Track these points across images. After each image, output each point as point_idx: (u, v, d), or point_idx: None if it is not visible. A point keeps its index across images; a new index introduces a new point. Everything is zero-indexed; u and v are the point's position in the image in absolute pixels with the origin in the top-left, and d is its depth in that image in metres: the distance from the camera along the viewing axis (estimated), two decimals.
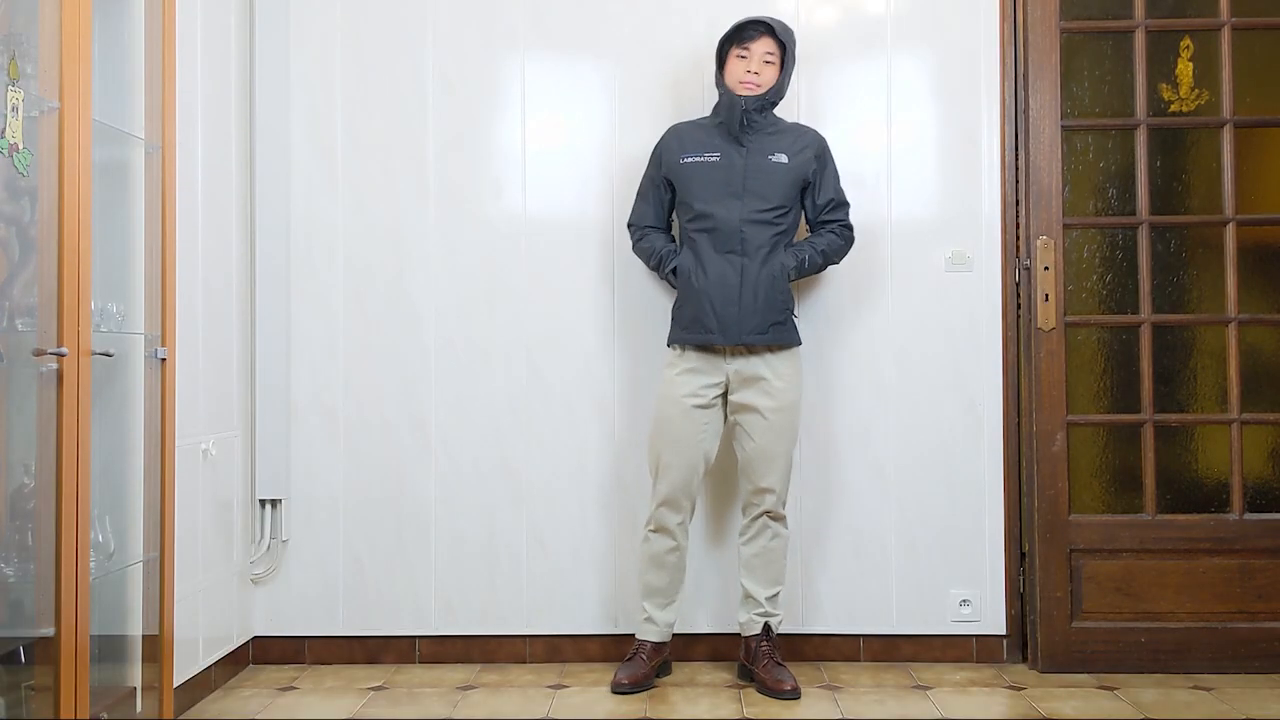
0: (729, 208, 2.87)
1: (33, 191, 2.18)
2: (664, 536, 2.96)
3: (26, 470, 2.22)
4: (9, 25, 2.16)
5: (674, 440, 2.90)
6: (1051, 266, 3.12)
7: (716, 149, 2.92)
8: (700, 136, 2.96)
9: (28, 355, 2.13)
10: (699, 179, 2.91)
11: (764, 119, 2.92)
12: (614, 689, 2.92)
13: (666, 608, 3.00)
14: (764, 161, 2.89)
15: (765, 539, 2.93)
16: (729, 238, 2.86)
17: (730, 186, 2.88)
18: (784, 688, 2.85)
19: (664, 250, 2.96)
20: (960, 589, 3.18)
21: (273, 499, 3.20)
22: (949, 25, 3.21)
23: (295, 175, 3.25)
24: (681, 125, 3.03)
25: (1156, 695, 2.89)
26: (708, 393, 2.89)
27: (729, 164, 2.90)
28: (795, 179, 2.92)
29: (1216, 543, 3.09)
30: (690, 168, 2.92)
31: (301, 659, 3.23)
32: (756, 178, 2.88)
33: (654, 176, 3.01)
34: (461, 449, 3.24)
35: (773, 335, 2.86)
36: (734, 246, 2.86)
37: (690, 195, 2.92)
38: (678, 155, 2.95)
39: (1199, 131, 3.17)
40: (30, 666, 2.16)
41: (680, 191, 2.96)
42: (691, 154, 2.94)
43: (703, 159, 2.92)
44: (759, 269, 2.85)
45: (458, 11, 3.26)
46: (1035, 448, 3.12)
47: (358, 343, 3.24)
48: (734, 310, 2.83)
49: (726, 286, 2.84)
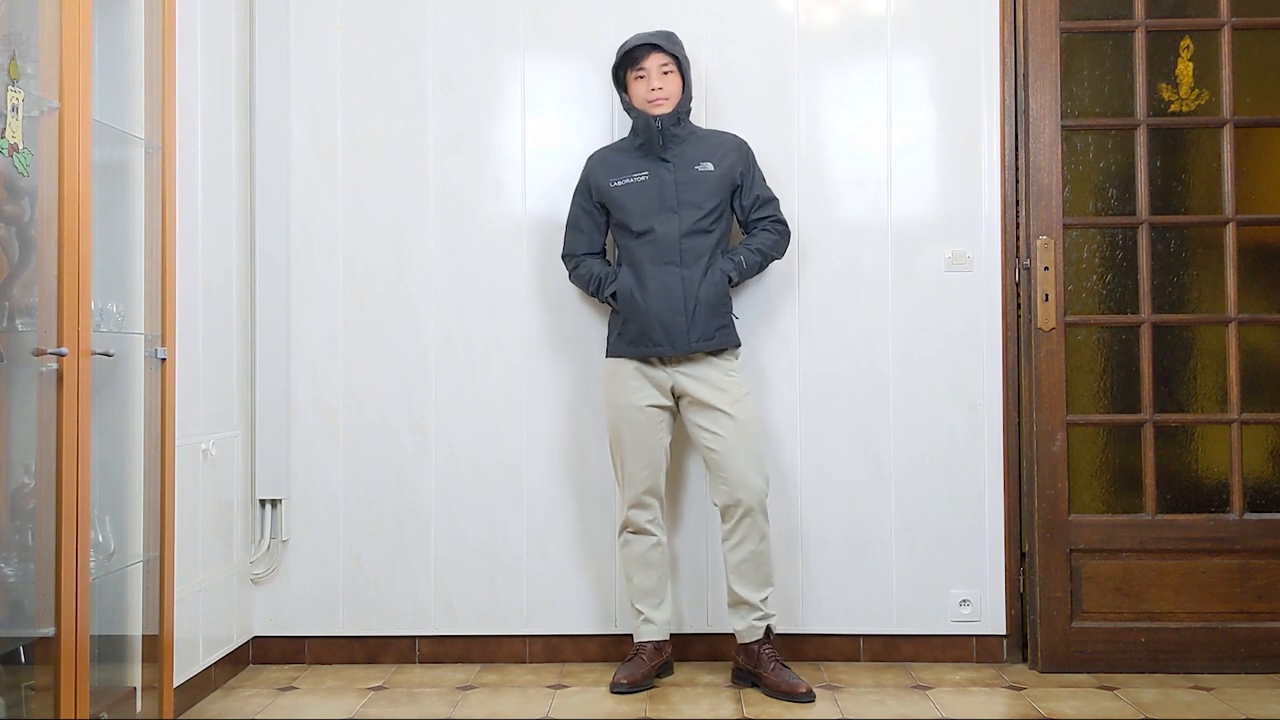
0: (667, 223, 2.91)
1: (33, 191, 2.18)
2: (642, 536, 2.99)
3: (26, 470, 2.22)
4: (9, 25, 2.16)
5: (635, 443, 2.94)
6: (1051, 266, 3.12)
7: (644, 169, 2.96)
8: (623, 160, 3.00)
9: (28, 355, 2.13)
10: (631, 200, 2.94)
11: (682, 130, 2.97)
12: (613, 689, 2.92)
13: (660, 606, 3.01)
14: (692, 173, 2.94)
15: (753, 542, 2.91)
16: (668, 250, 2.90)
17: (665, 202, 2.92)
18: (800, 691, 2.84)
19: (602, 274, 2.99)
20: (960, 589, 3.18)
21: (273, 499, 3.20)
22: (949, 25, 3.21)
23: (295, 175, 3.25)
24: (603, 151, 3.07)
25: (1156, 695, 2.89)
26: (657, 393, 2.94)
27: (659, 180, 2.94)
28: (723, 184, 2.96)
29: (1216, 543, 3.09)
30: (621, 190, 2.96)
31: (301, 659, 3.23)
32: (687, 190, 2.93)
33: (584, 205, 3.05)
34: (461, 449, 3.24)
35: (719, 340, 2.92)
36: (673, 259, 2.89)
37: (627, 216, 2.95)
38: (606, 181, 2.99)
39: (1199, 131, 3.17)
40: (30, 666, 2.16)
41: (616, 214, 2.99)
42: (619, 178, 2.97)
43: (632, 180, 2.96)
44: (700, 278, 2.90)
45: (458, 11, 3.26)
46: (1035, 448, 3.12)
47: (358, 343, 3.24)
48: (680, 320, 2.87)
49: (671, 298, 2.88)
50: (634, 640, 3.03)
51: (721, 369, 2.93)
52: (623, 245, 2.99)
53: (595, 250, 3.06)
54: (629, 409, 2.94)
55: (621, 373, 2.96)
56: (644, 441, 2.94)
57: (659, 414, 2.95)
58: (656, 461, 2.96)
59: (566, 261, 3.09)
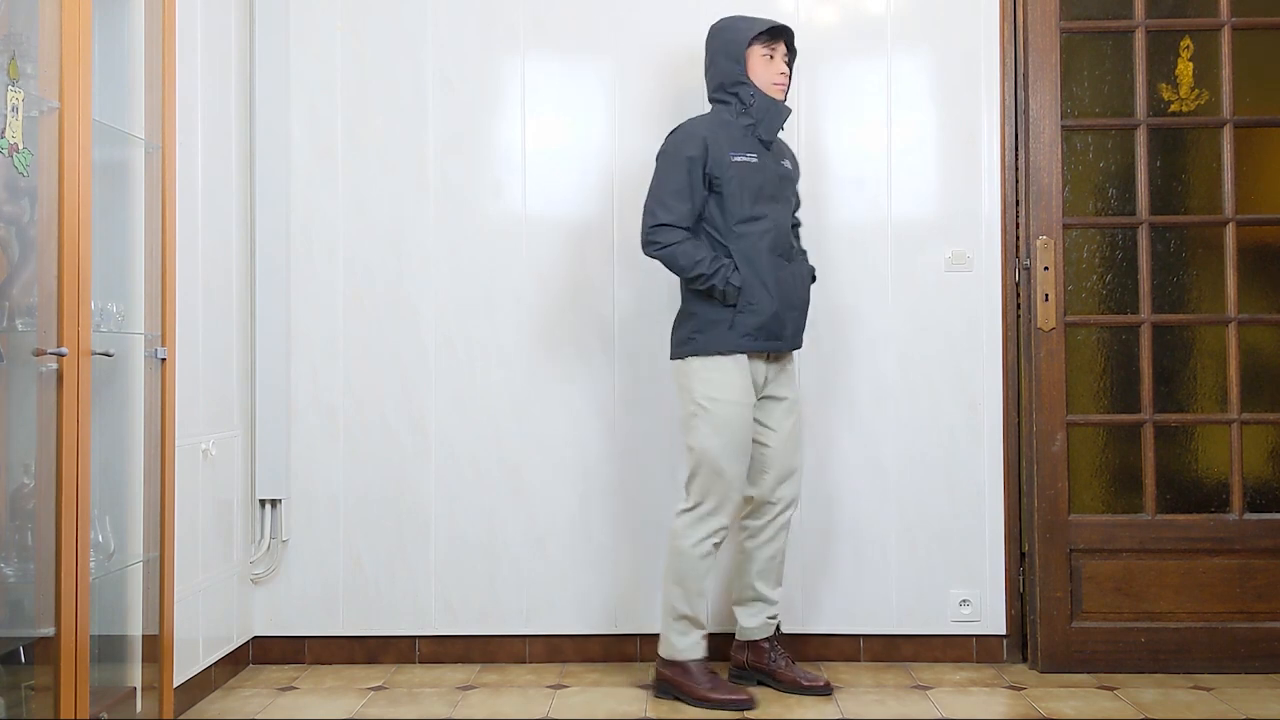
0: (778, 211, 2.85)
1: (33, 191, 2.18)
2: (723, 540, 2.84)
3: (26, 470, 2.22)
4: (9, 25, 2.16)
5: (739, 445, 2.78)
6: (1051, 266, 3.12)
7: (754, 150, 2.82)
8: (737, 136, 2.81)
9: (28, 355, 2.13)
10: (747, 180, 2.78)
11: None
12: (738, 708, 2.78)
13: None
14: (781, 168, 2.91)
15: (780, 540, 2.90)
16: (782, 241, 2.83)
17: (772, 189, 2.84)
18: (819, 683, 2.87)
19: (723, 260, 2.75)
20: (960, 589, 3.18)
21: (273, 499, 3.20)
22: (949, 25, 3.21)
23: (295, 175, 3.25)
24: (706, 124, 2.83)
25: (1156, 695, 2.89)
26: (757, 391, 2.85)
27: (765, 167, 2.84)
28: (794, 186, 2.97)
29: (1216, 543, 3.09)
30: (739, 168, 2.78)
31: (301, 659, 3.23)
32: (783, 184, 2.90)
33: (695, 174, 2.77)
34: (461, 449, 3.24)
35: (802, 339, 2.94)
36: (784, 250, 2.84)
37: (741, 196, 2.77)
38: (726, 153, 2.78)
39: (1199, 131, 3.17)
40: (30, 666, 2.16)
41: (729, 192, 2.77)
42: (738, 153, 2.79)
43: (747, 160, 2.80)
44: (804, 273, 2.90)
45: (458, 11, 3.26)
46: (1035, 448, 3.12)
47: (358, 343, 3.24)
48: (798, 316, 2.86)
49: (793, 292, 2.83)
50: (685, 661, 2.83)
51: (794, 365, 2.97)
52: (725, 230, 2.78)
53: (695, 229, 2.81)
54: (742, 408, 2.77)
55: (730, 369, 2.77)
56: (745, 442, 2.81)
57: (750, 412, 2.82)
58: (746, 463, 2.84)
59: (662, 234, 2.76)
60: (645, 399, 3.18)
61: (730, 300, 2.76)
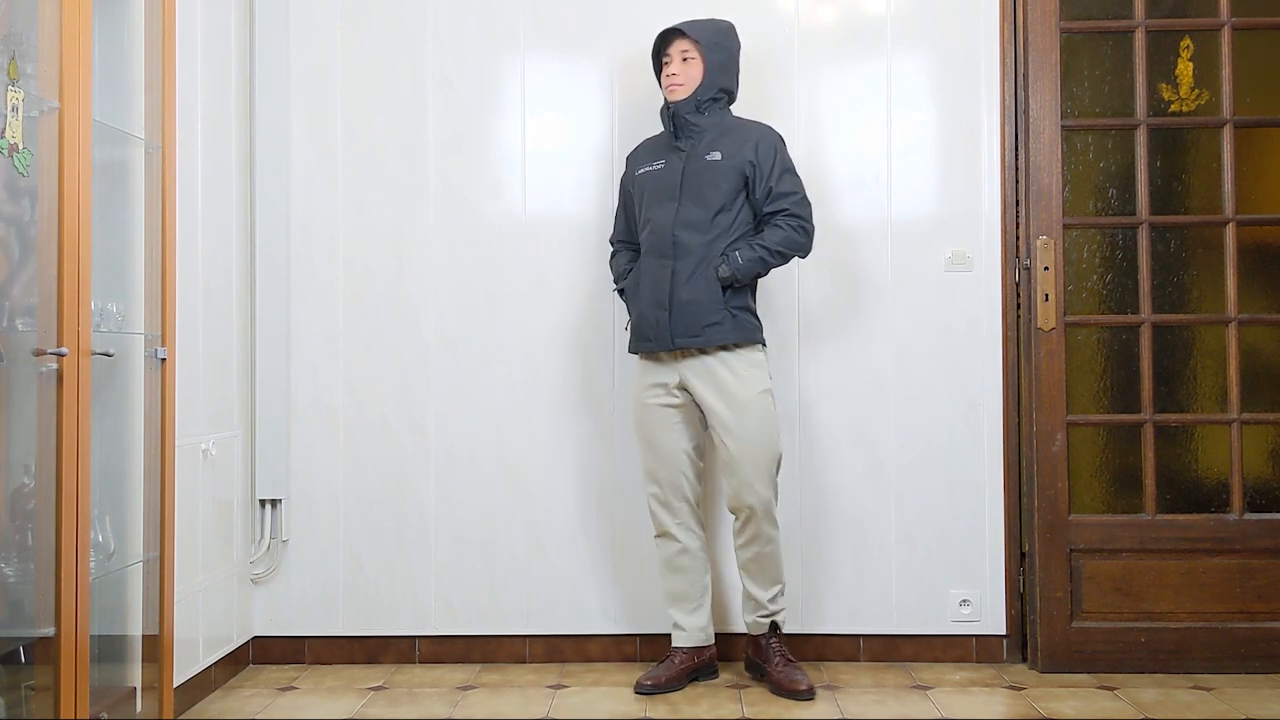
0: (664, 212, 2.87)
1: (33, 191, 2.18)
2: (667, 540, 2.96)
3: (26, 470, 2.22)
4: (9, 25, 2.16)
5: (650, 442, 2.92)
6: (1051, 266, 3.12)
7: (662, 157, 2.94)
8: (652, 147, 3.00)
9: (28, 355, 2.13)
10: (645, 188, 2.94)
11: (705, 119, 2.89)
12: (636, 689, 2.90)
13: (695, 611, 2.96)
14: (700, 162, 2.87)
15: (759, 544, 2.89)
16: (662, 241, 2.86)
17: (668, 191, 2.88)
18: (799, 688, 2.84)
19: (621, 269, 3.01)
20: (960, 589, 3.18)
21: (273, 499, 3.20)
22: (949, 25, 3.21)
23: (295, 175, 3.25)
24: (644, 140, 3.07)
25: (1156, 695, 2.89)
26: (665, 391, 2.89)
27: (670, 169, 2.91)
28: (731, 175, 2.84)
29: (1216, 543, 3.09)
30: (641, 179, 2.96)
31: (301, 659, 3.23)
32: (692, 179, 2.86)
33: (621, 194, 3.07)
34: (461, 449, 3.24)
35: (705, 337, 2.80)
36: (665, 251, 2.85)
37: (639, 204, 2.97)
38: (634, 169, 3.00)
39: (1199, 131, 3.17)
40: (30, 666, 2.16)
41: (636, 204, 2.99)
42: (643, 165, 2.97)
43: (650, 169, 2.95)
44: (691, 270, 2.81)
45: (458, 11, 3.26)
46: (1035, 448, 3.12)
47: (358, 343, 3.24)
48: (664, 315, 2.83)
49: (658, 291, 2.84)
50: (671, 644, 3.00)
51: (730, 367, 2.83)
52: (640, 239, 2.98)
53: (631, 240, 3.03)
54: (639, 406, 2.95)
55: (636, 369, 2.98)
56: (656, 438, 2.91)
57: (670, 413, 2.89)
58: (674, 462, 2.90)
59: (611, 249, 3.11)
60: None
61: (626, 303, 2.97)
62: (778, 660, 2.91)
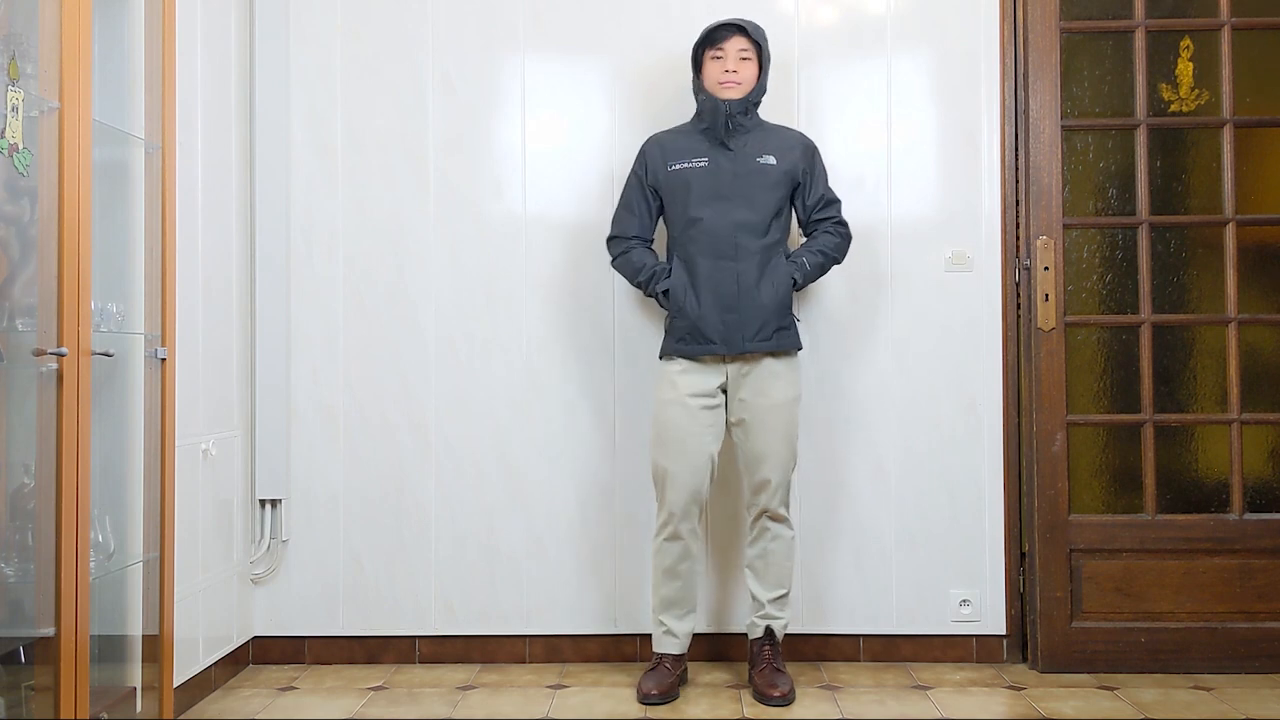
0: (721, 212, 2.82)
1: (33, 191, 2.18)
2: (675, 544, 2.87)
3: (26, 470, 2.22)
4: (9, 25, 2.16)
5: (679, 444, 2.82)
6: (1051, 266, 3.12)
7: (703, 154, 2.86)
8: (684, 144, 2.90)
9: (28, 355, 2.13)
10: (688, 185, 2.85)
11: (749, 120, 2.88)
12: (643, 700, 2.83)
13: (684, 618, 2.93)
14: (753, 164, 2.85)
15: (766, 540, 2.89)
16: (722, 243, 2.81)
17: (720, 190, 2.83)
18: (773, 694, 2.81)
19: (655, 267, 2.88)
20: (960, 589, 3.18)
21: (273, 499, 3.20)
22: (949, 25, 3.21)
23: (295, 175, 3.25)
24: (661, 135, 2.97)
25: (1156, 695, 2.89)
26: (710, 391, 2.84)
27: (717, 168, 2.84)
28: (785, 181, 2.87)
29: (1216, 543, 3.09)
30: (678, 174, 2.87)
31: (301, 659, 3.23)
32: (746, 181, 2.83)
33: (639, 186, 2.94)
34: (461, 449, 3.24)
35: (776, 341, 2.82)
36: (727, 252, 2.81)
37: (680, 202, 2.86)
38: (664, 164, 2.89)
39: (1199, 131, 3.17)
40: (30, 666, 2.16)
41: (669, 200, 2.90)
42: (677, 161, 2.87)
43: (690, 165, 2.86)
44: (757, 274, 2.81)
45: (458, 11, 3.26)
46: (1035, 448, 3.12)
47: (358, 342, 3.24)
48: (734, 317, 2.79)
49: (723, 294, 2.80)
50: (653, 648, 2.95)
51: (772, 371, 2.84)
52: (673, 238, 2.90)
53: (646, 237, 2.94)
54: (675, 404, 2.83)
55: (671, 373, 2.86)
56: (687, 441, 2.82)
57: (707, 415, 2.83)
58: (699, 466, 2.83)
59: (612, 246, 2.97)
60: (645, 399, 3.18)
61: (665, 306, 2.89)
62: (764, 665, 2.89)
